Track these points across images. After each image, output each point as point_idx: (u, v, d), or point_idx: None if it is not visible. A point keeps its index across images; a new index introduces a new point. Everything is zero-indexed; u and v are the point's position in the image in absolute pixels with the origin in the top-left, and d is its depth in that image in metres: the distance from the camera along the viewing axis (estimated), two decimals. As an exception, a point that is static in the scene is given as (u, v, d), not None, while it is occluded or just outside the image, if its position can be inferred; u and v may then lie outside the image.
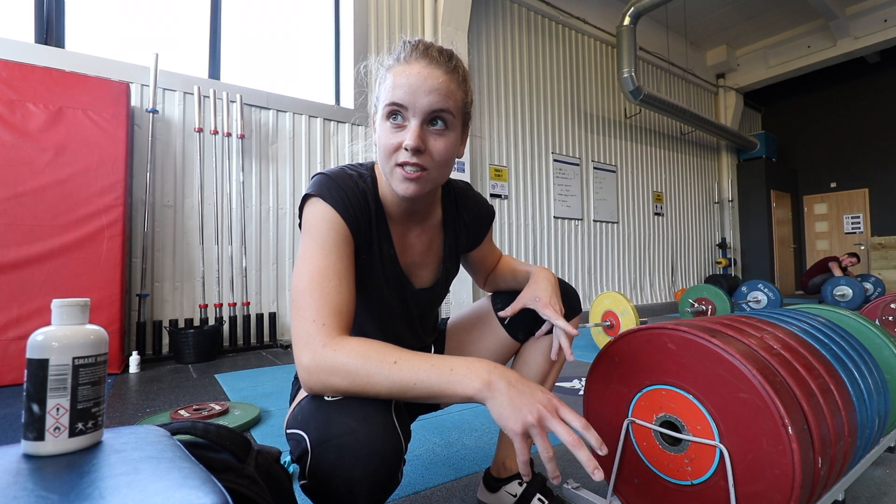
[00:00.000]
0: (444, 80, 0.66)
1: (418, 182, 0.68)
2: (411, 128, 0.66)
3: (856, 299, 5.05)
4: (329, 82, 3.87)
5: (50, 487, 0.36)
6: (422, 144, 0.66)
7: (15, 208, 2.27)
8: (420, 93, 0.65)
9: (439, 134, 0.68)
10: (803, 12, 6.53)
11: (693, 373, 0.76)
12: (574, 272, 5.29)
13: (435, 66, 0.66)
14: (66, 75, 2.51)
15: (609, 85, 5.93)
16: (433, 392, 0.57)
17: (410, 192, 0.69)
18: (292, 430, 0.61)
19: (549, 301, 0.81)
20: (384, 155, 0.69)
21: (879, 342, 1.14)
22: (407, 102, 0.65)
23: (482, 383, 0.55)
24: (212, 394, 2.03)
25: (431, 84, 0.65)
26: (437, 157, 0.68)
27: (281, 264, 3.41)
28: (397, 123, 0.67)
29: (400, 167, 0.68)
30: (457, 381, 0.56)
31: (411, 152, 0.66)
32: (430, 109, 0.66)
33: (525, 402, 0.54)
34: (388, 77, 0.68)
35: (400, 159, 0.67)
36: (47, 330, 0.46)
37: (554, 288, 0.85)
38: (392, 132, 0.67)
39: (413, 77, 0.65)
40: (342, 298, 0.64)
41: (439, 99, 0.66)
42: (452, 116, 0.68)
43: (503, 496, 0.96)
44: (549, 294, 0.83)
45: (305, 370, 0.59)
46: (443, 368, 0.57)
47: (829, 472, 0.73)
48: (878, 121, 7.79)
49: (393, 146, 0.67)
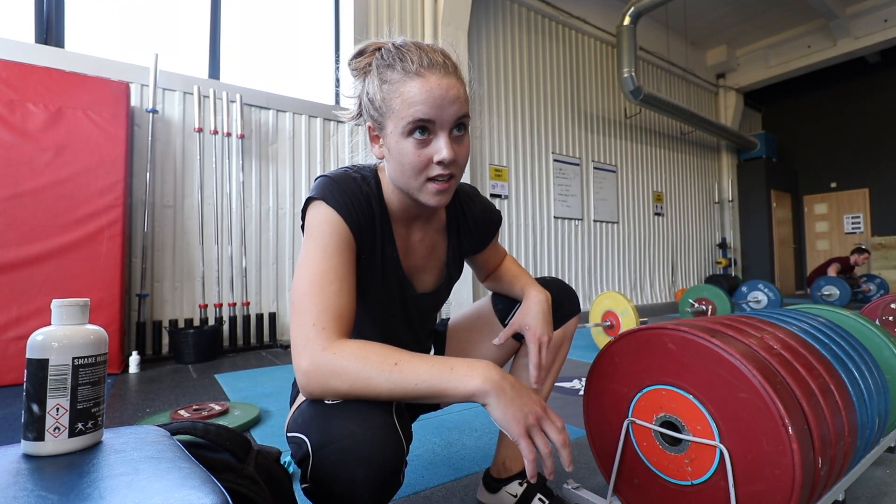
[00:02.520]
0: (459, 88, 0.67)
1: (450, 191, 0.70)
2: (442, 141, 0.66)
3: (843, 299, 5.09)
4: (329, 82, 3.87)
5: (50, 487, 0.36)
6: (455, 155, 0.67)
7: (15, 208, 2.27)
8: (445, 105, 0.65)
9: (461, 138, 0.69)
10: (803, 12, 6.53)
11: (693, 373, 0.76)
12: (574, 272, 5.29)
13: (448, 75, 0.66)
14: (66, 75, 2.51)
15: (609, 85, 5.93)
16: (434, 392, 0.57)
17: (445, 202, 0.70)
18: (293, 434, 0.60)
19: (536, 333, 0.81)
20: (412, 172, 0.68)
21: (879, 342, 1.14)
22: (434, 116, 0.64)
23: (483, 383, 0.57)
24: (212, 394, 2.03)
25: (453, 94, 0.65)
26: (462, 161, 0.70)
27: (281, 264, 3.41)
28: (423, 139, 0.66)
29: (432, 181, 0.68)
30: (457, 380, 0.57)
31: (446, 165, 0.66)
32: (456, 118, 0.66)
33: (525, 404, 0.57)
34: (400, 91, 0.65)
35: (433, 173, 0.67)
36: (47, 330, 0.46)
37: (545, 316, 0.84)
38: (418, 148, 0.66)
39: (435, 89, 0.64)
40: (343, 303, 0.64)
41: (461, 107, 0.66)
42: (469, 119, 0.70)
43: (504, 497, 0.95)
44: (538, 323, 0.83)
45: (304, 374, 0.58)
46: (443, 369, 0.58)
47: (830, 473, 0.73)
48: (878, 121, 7.79)
49: (424, 162, 0.67)
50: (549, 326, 0.83)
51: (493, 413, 0.57)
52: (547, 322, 0.83)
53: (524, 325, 0.83)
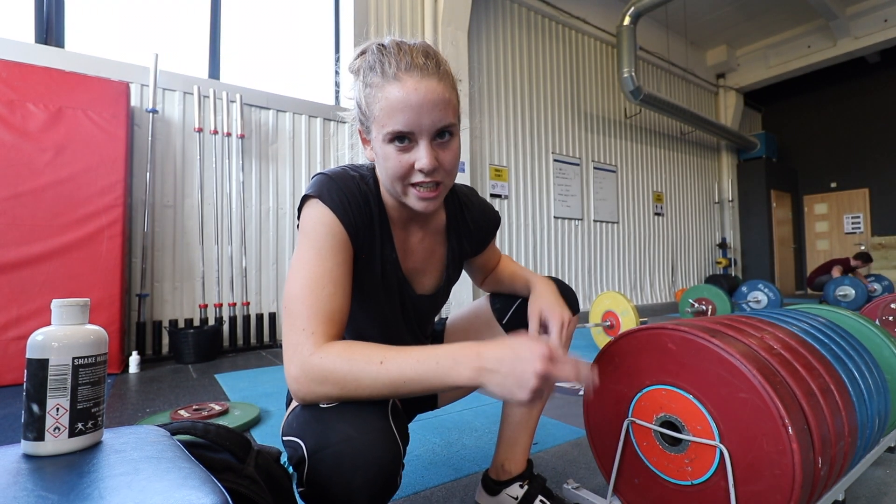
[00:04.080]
0: (440, 90, 0.63)
1: (436, 199, 0.68)
2: (423, 148, 0.63)
3: (858, 300, 5.06)
4: (329, 82, 3.87)
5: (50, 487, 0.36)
6: (436, 162, 0.65)
7: (15, 208, 2.27)
8: (423, 112, 0.61)
9: (447, 144, 0.66)
10: (803, 12, 6.53)
11: (693, 373, 0.76)
12: (574, 272, 5.29)
13: (428, 77, 0.62)
14: (66, 75, 2.51)
15: (609, 85, 5.93)
16: (425, 386, 0.56)
17: (431, 209, 0.69)
18: (288, 438, 0.60)
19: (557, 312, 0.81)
20: (393, 178, 0.66)
21: (879, 342, 1.14)
22: (412, 126, 0.62)
23: (473, 370, 0.55)
24: (212, 394, 2.03)
25: (431, 99, 0.62)
26: (448, 167, 0.68)
27: (281, 264, 3.41)
28: (403, 146, 0.64)
29: (414, 187, 0.67)
30: (444, 371, 0.55)
31: (427, 173, 0.65)
32: (436, 128, 0.63)
33: (523, 370, 0.54)
34: (379, 96, 0.63)
35: (415, 180, 0.66)
36: (47, 330, 0.46)
37: (557, 298, 0.84)
38: (399, 155, 0.64)
39: (411, 94, 0.61)
40: (335, 307, 0.63)
41: (442, 114, 0.63)
42: (455, 125, 0.67)
43: (504, 499, 0.94)
44: (555, 305, 0.82)
45: (294, 381, 0.58)
46: (428, 362, 0.56)
47: (830, 473, 0.73)
48: (878, 121, 7.79)
49: (405, 169, 0.65)
50: (564, 307, 0.83)
51: (492, 394, 0.56)
52: (561, 304, 0.83)
53: (542, 309, 0.82)
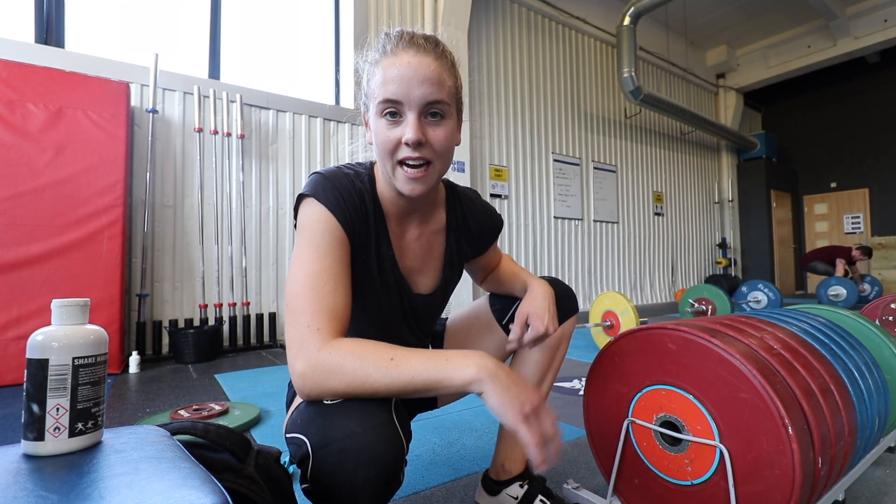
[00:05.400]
0: (434, 67, 0.65)
1: (424, 180, 0.68)
2: (409, 121, 0.64)
3: (849, 299, 5.07)
4: (329, 82, 3.88)
5: (50, 487, 0.36)
6: (422, 136, 0.65)
7: (15, 208, 2.27)
8: (413, 84, 0.63)
9: (437, 123, 0.67)
10: (803, 12, 6.53)
11: (693, 373, 0.76)
12: (574, 272, 5.29)
13: (423, 54, 0.65)
14: (66, 75, 2.51)
15: (609, 85, 5.93)
16: (430, 384, 0.57)
17: (417, 192, 0.68)
18: (292, 435, 0.60)
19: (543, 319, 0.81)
20: (383, 153, 0.67)
21: (879, 342, 1.14)
22: (401, 96, 0.64)
23: (478, 371, 0.56)
24: (212, 394, 2.03)
25: (423, 73, 0.64)
26: (438, 148, 0.67)
27: (281, 264, 3.41)
28: (394, 120, 0.65)
29: (401, 165, 0.67)
30: (452, 370, 0.56)
31: (413, 146, 0.65)
32: (426, 101, 0.64)
33: (521, 392, 0.56)
34: (377, 72, 0.66)
35: (401, 155, 0.66)
36: (47, 330, 0.46)
37: (550, 303, 0.84)
38: (389, 128, 0.65)
39: (403, 68, 0.63)
40: (337, 303, 0.63)
41: (433, 89, 0.64)
42: (448, 105, 0.67)
43: (504, 499, 0.94)
44: (544, 311, 0.82)
45: (300, 376, 0.58)
46: (438, 360, 0.57)
47: (830, 472, 0.73)
48: (878, 121, 7.79)
49: (392, 142, 0.66)
50: (553, 317, 0.82)
51: (489, 401, 0.56)
52: (552, 313, 0.83)
53: (529, 314, 0.82)
